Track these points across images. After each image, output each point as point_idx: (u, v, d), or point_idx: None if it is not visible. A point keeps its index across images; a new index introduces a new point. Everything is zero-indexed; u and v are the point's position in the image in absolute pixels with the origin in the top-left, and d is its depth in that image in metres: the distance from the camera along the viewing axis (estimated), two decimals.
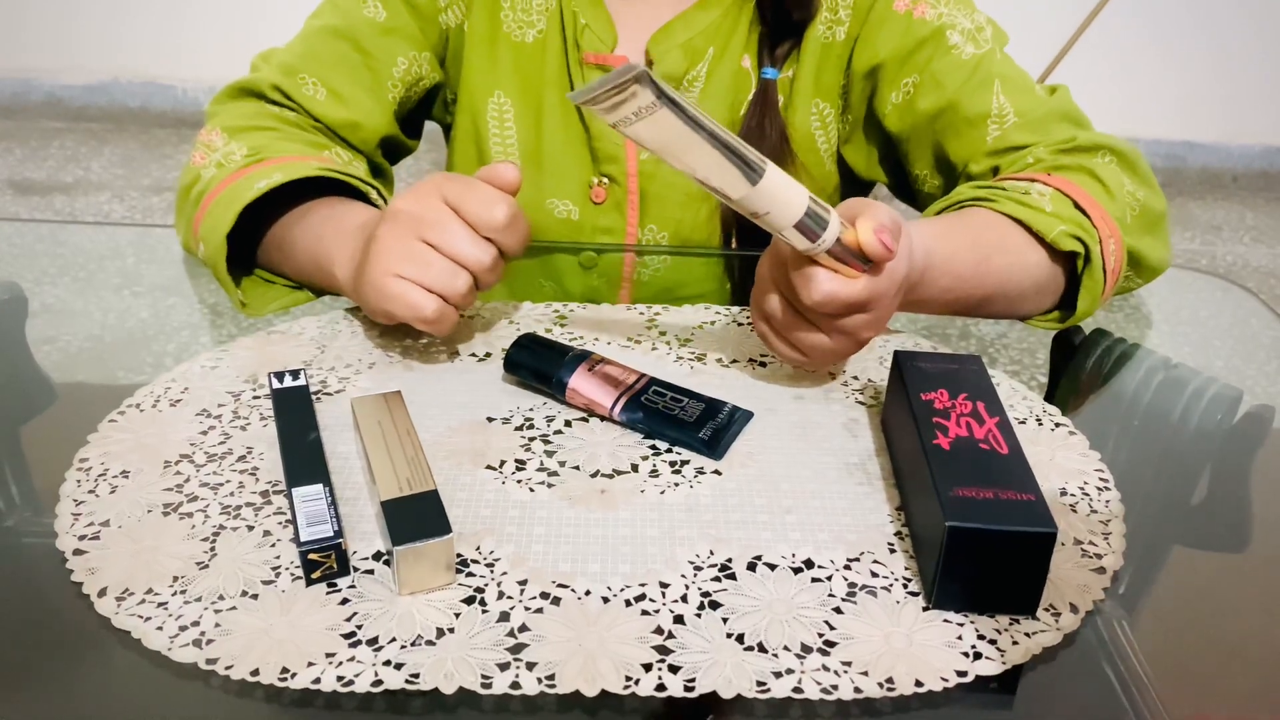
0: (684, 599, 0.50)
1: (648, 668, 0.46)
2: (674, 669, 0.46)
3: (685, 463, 0.61)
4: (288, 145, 0.81)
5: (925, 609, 0.51)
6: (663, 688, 0.45)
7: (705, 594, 0.51)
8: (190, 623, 0.48)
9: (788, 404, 0.67)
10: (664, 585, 0.51)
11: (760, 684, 0.46)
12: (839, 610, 0.50)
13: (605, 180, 0.91)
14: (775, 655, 0.47)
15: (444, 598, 0.50)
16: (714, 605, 0.50)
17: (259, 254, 0.80)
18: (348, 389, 0.67)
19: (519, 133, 0.92)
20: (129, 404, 0.65)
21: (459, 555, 0.53)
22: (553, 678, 0.46)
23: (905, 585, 0.52)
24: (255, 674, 0.45)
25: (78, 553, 0.52)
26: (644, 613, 0.50)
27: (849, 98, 0.90)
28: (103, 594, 0.50)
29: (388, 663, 0.46)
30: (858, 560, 0.54)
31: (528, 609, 0.50)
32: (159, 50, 3.37)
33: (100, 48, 3.39)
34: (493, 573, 0.52)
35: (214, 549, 0.53)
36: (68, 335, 0.76)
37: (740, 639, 0.48)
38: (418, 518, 0.51)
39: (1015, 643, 0.49)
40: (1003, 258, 0.74)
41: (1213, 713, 0.48)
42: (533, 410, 0.65)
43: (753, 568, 0.53)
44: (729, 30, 0.89)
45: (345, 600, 0.50)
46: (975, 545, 0.49)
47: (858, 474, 0.60)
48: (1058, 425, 0.66)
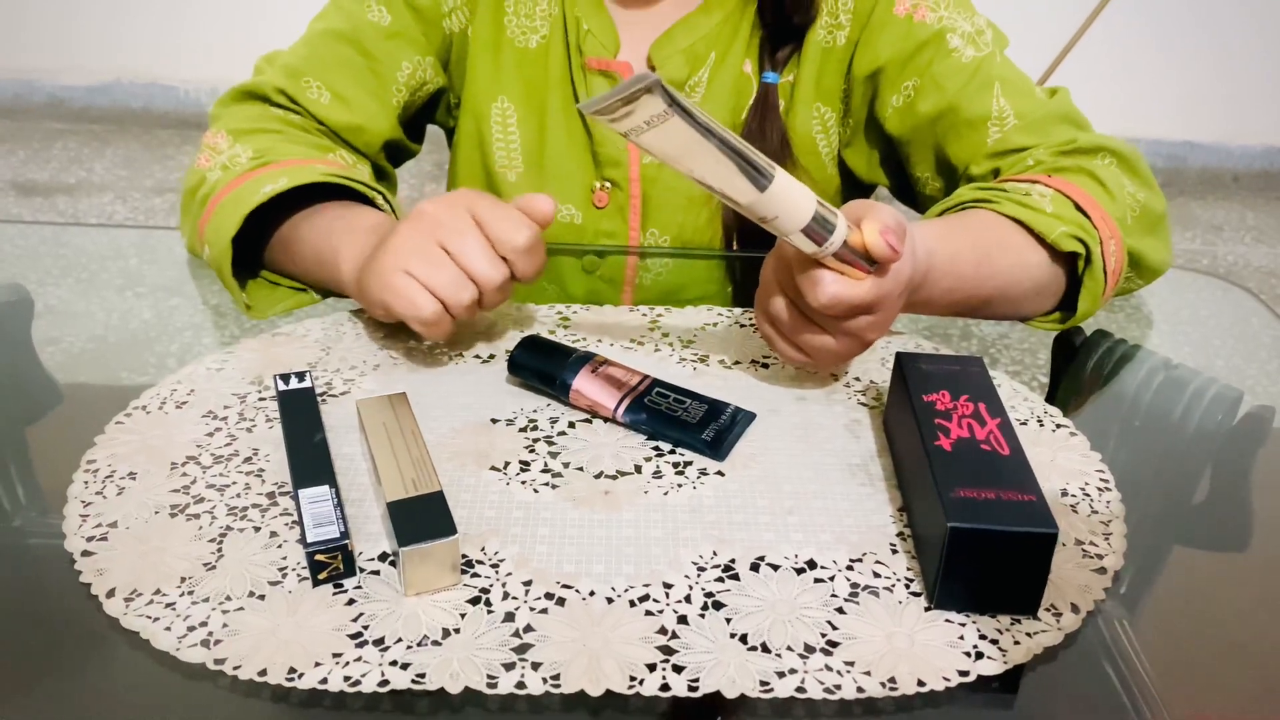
0: (688, 599, 0.51)
1: (652, 668, 0.47)
2: (678, 669, 0.47)
3: (688, 464, 0.61)
4: (293, 148, 0.81)
5: (927, 609, 0.51)
6: (667, 688, 0.46)
7: (709, 594, 0.51)
8: (198, 623, 0.48)
9: (790, 405, 0.68)
10: (668, 586, 0.52)
11: (764, 684, 0.46)
12: (841, 610, 0.50)
13: (607, 184, 0.92)
14: (778, 655, 0.48)
15: (449, 598, 0.50)
16: (717, 606, 0.50)
17: (264, 255, 0.80)
18: (353, 390, 0.68)
19: (522, 137, 0.92)
20: (135, 406, 0.65)
21: (464, 556, 0.53)
22: (558, 678, 0.46)
23: (907, 585, 0.52)
24: (263, 674, 0.46)
25: (86, 554, 0.53)
26: (648, 613, 0.50)
27: (850, 101, 0.90)
28: (111, 595, 0.50)
29: (394, 663, 0.47)
30: (860, 561, 0.54)
31: (532, 609, 0.50)
32: (161, 51, 3.37)
33: (102, 48, 3.39)
34: (498, 573, 0.52)
35: (221, 550, 0.53)
36: (71, 336, 0.76)
37: (744, 639, 0.48)
38: (423, 519, 0.51)
39: (1017, 643, 0.49)
40: (1004, 258, 0.75)
41: (1213, 712, 0.49)
42: (536, 412, 0.66)
43: (756, 568, 0.53)
44: (730, 35, 0.90)
45: (351, 601, 0.50)
46: (977, 546, 0.49)
47: (860, 475, 0.61)
48: (1059, 426, 0.67)
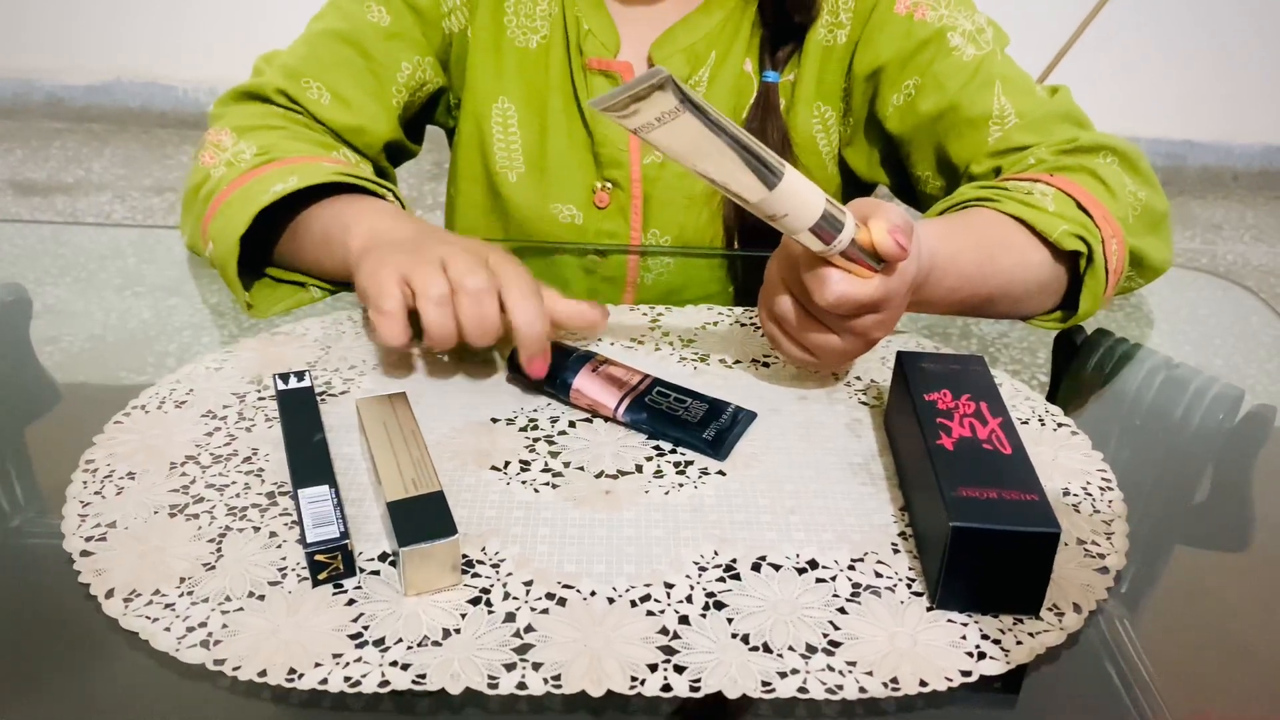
0: (689, 599, 0.51)
1: (653, 668, 0.47)
2: (679, 669, 0.46)
3: (689, 463, 0.61)
4: (297, 145, 0.81)
5: (929, 609, 0.51)
6: (668, 688, 0.46)
7: (710, 594, 0.51)
8: (197, 624, 0.48)
9: (791, 404, 0.67)
10: (669, 586, 0.51)
11: (765, 684, 0.46)
12: (843, 610, 0.50)
13: (609, 185, 0.92)
14: (780, 655, 0.47)
15: (450, 598, 0.50)
16: (719, 606, 0.50)
17: (276, 249, 0.80)
18: (352, 390, 0.67)
19: (523, 138, 0.92)
20: (134, 405, 0.65)
21: (464, 556, 0.53)
22: (559, 678, 0.46)
23: (909, 585, 0.52)
24: (263, 675, 0.46)
25: (85, 554, 0.53)
26: (649, 613, 0.50)
27: (850, 100, 0.90)
28: (110, 595, 0.50)
29: (394, 663, 0.46)
30: (862, 560, 0.54)
31: (533, 610, 0.50)
32: (160, 51, 3.37)
33: (101, 48, 3.39)
34: (498, 573, 0.52)
35: (220, 550, 0.53)
36: (69, 336, 0.76)
37: (745, 639, 0.48)
38: (423, 519, 0.51)
39: (1019, 642, 0.49)
40: (1006, 257, 0.74)
41: (1215, 711, 0.49)
42: (537, 411, 0.66)
43: (757, 568, 0.53)
44: (731, 34, 0.89)
45: (352, 601, 0.50)
46: (979, 545, 0.49)
47: (861, 474, 0.61)
48: (1060, 425, 0.66)
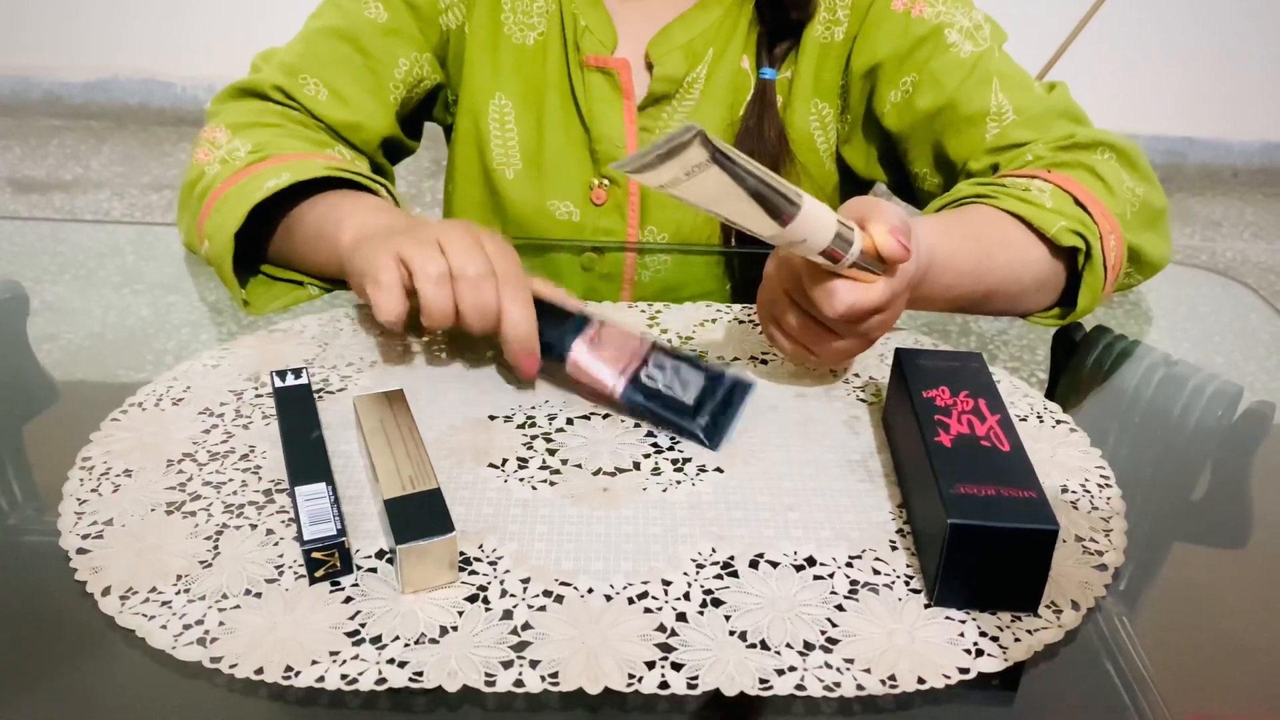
0: (686, 597, 0.51)
1: (650, 665, 0.46)
2: (677, 666, 0.46)
3: (687, 460, 0.61)
4: (291, 142, 0.81)
5: (927, 606, 0.51)
6: (666, 685, 0.46)
7: (708, 591, 0.51)
8: (194, 621, 0.48)
9: (789, 401, 0.67)
10: (666, 583, 0.51)
11: (763, 681, 0.46)
12: (841, 608, 0.50)
13: (606, 182, 0.91)
14: (778, 653, 0.47)
15: (447, 596, 0.50)
16: (716, 603, 0.50)
17: (270, 246, 0.80)
18: (349, 387, 0.67)
19: (520, 134, 0.92)
20: (131, 402, 0.65)
21: (461, 553, 0.53)
22: (556, 676, 0.46)
23: (907, 582, 0.52)
24: (259, 673, 0.46)
25: (81, 551, 0.52)
26: (646, 610, 0.50)
27: (848, 97, 0.90)
28: (106, 593, 0.50)
29: (391, 661, 0.46)
30: (860, 557, 0.54)
31: (530, 607, 0.50)
32: (158, 47, 3.36)
33: (99, 45, 3.38)
34: (495, 571, 0.52)
35: (217, 548, 0.53)
36: (68, 333, 0.76)
37: (743, 636, 0.48)
38: (420, 516, 0.51)
39: (1017, 640, 0.49)
40: (1004, 254, 0.74)
41: (1214, 708, 0.49)
42: (534, 408, 0.66)
43: (755, 565, 0.53)
44: (729, 31, 0.89)
45: (349, 599, 0.50)
46: (977, 542, 0.49)
47: (859, 471, 0.60)
48: (1058, 422, 0.66)
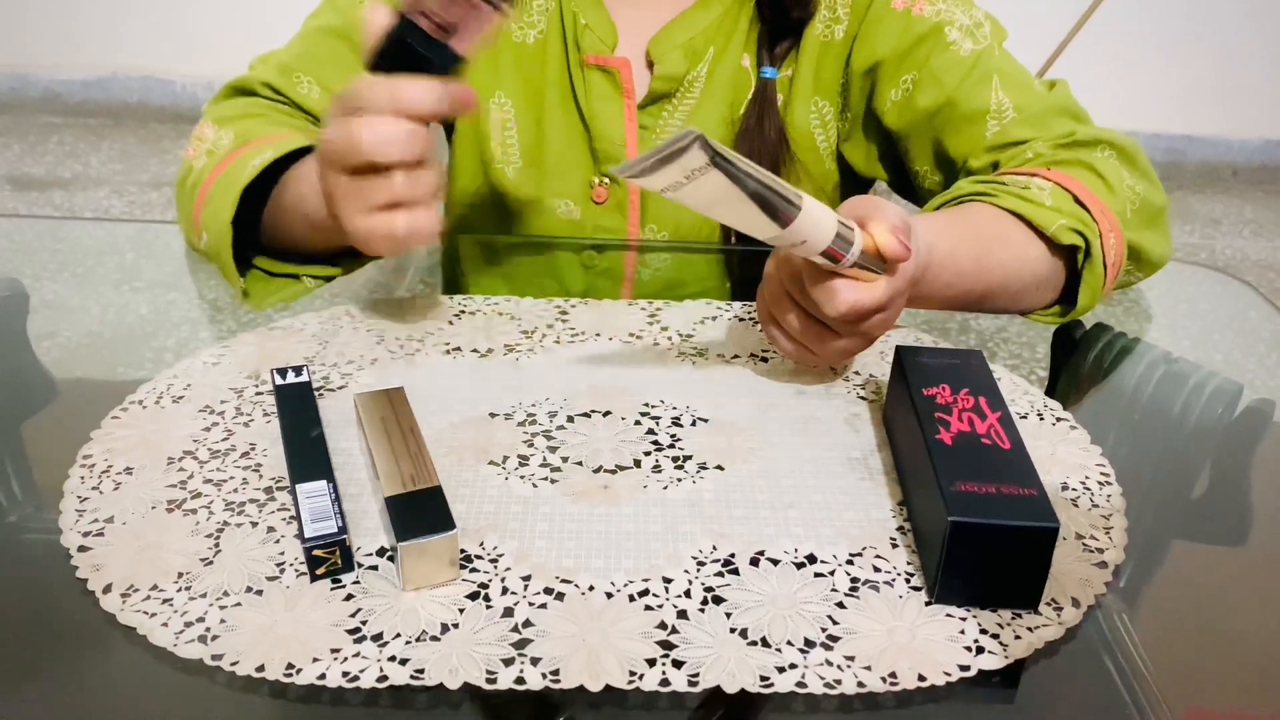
0: (687, 594, 0.51)
1: (651, 663, 0.46)
2: (678, 664, 0.46)
3: (688, 458, 0.61)
4: (274, 128, 0.81)
5: (928, 603, 0.51)
6: (667, 683, 0.46)
7: (708, 589, 0.51)
8: (195, 619, 0.48)
9: (790, 399, 0.67)
10: (667, 581, 0.51)
11: (764, 679, 0.46)
12: (842, 605, 0.50)
13: (606, 180, 0.91)
14: (778, 650, 0.47)
15: (448, 593, 0.50)
16: (717, 600, 0.50)
17: (262, 228, 0.79)
18: (350, 385, 0.67)
19: (520, 133, 0.92)
20: (131, 400, 0.65)
21: (462, 551, 0.53)
22: (557, 673, 0.46)
23: (908, 580, 0.52)
24: (260, 670, 0.46)
25: (82, 549, 0.53)
26: (647, 608, 0.50)
27: (848, 96, 0.90)
28: (107, 590, 0.50)
29: (393, 658, 0.46)
30: (860, 555, 0.54)
31: (531, 604, 0.50)
32: (157, 45, 3.36)
33: (98, 43, 3.38)
34: (496, 568, 0.52)
35: (218, 545, 0.53)
36: (67, 331, 0.76)
37: (744, 634, 0.48)
38: (421, 514, 0.51)
39: (1018, 637, 0.49)
40: (1003, 252, 0.74)
41: (1213, 705, 0.49)
42: (535, 406, 0.66)
43: (755, 563, 0.53)
44: (729, 29, 0.89)
45: (350, 596, 0.50)
46: (977, 540, 0.49)
47: (860, 469, 0.61)
48: (1059, 420, 0.66)
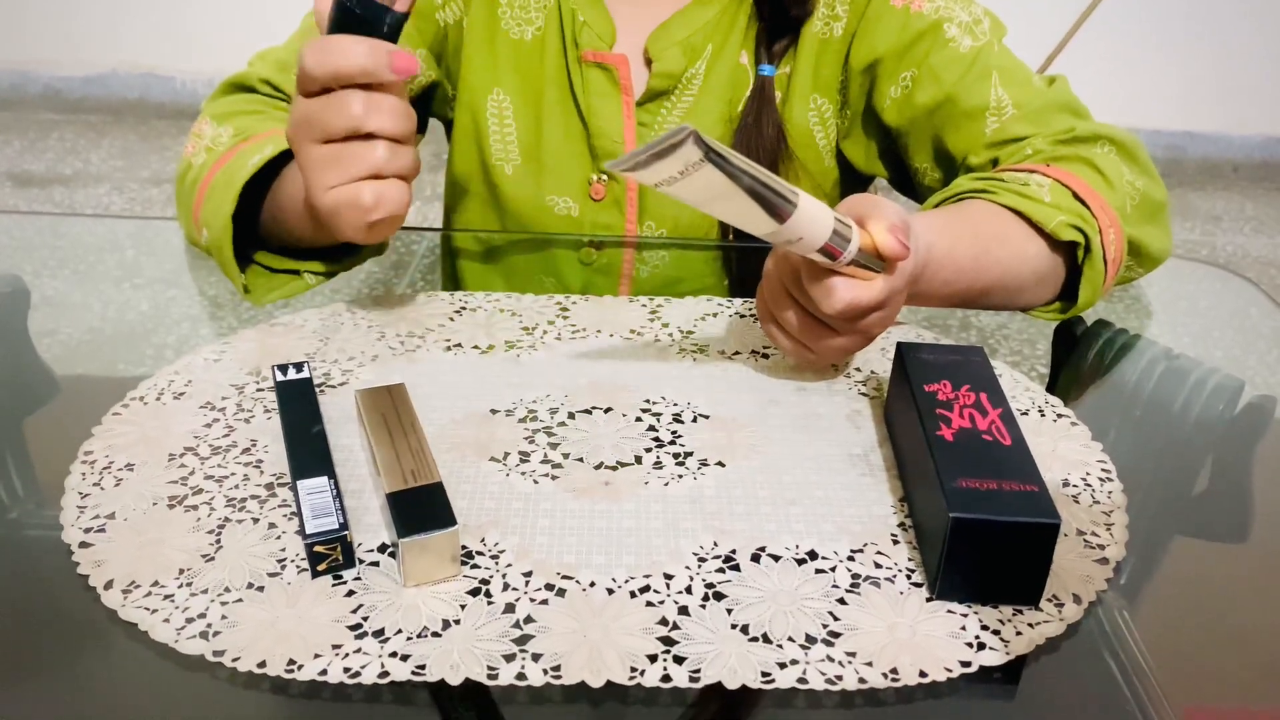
0: (688, 590, 0.51)
1: (653, 659, 0.47)
2: (679, 660, 0.46)
3: (689, 454, 0.61)
4: (273, 124, 0.81)
5: (929, 600, 0.51)
6: (668, 678, 0.46)
7: (709, 585, 0.51)
8: (197, 615, 0.48)
9: (791, 396, 0.67)
10: (668, 577, 0.51)
11: (765, 675, 0.46)
12: (843, 601, 0.50)
13: (604, 177, 0.91)
14: (780, 646, 0.47)
15: (449, 590, 0.50)
16: (718, 596, 0.50)
17: (261, 225, 0.80)
18: (351, 381, 0.67)
19: (518, 130, 0.92)
20: (132, 396, 0.65)
21: (463, 547, 0.53)
22: (558, 669, 0.46)
23: (909, 576, 0.52)
24: (262, 666, 0.46)
25: (83, 545, 0.53)
26: (648, 604, 0.50)
27: (847, 93, 0.90)
28: (109, 586, 0.50)
29: (394, 654, 0.46)
30: (861, 551, 0.54)
31: (533, 600, 0.50)
32: (157, 42, 3.36)
33: (98, 39, 3.38)
34: (497, 564, 0.52)
35: (220, 541, 0.53)
36: (68, 328, 0.76)
37: (745, 630, 0.48)
38: (423, 510, 0.51)
39: (1019, 633, 0.49)
40: (1003, 249, 0.74)
41: (1214, 701, 0.49)
42: (536, 402, 0.66)
43: (757, 559, 0.53)
44: (727, 27, 0.89)
45: (351, 592, 0.50)
46: (979, 536, 0.49)
47: (861, 465, 0.61)
48: (1060, 416, 0.66)
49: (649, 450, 0.61)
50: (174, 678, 0.46)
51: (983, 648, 0.48)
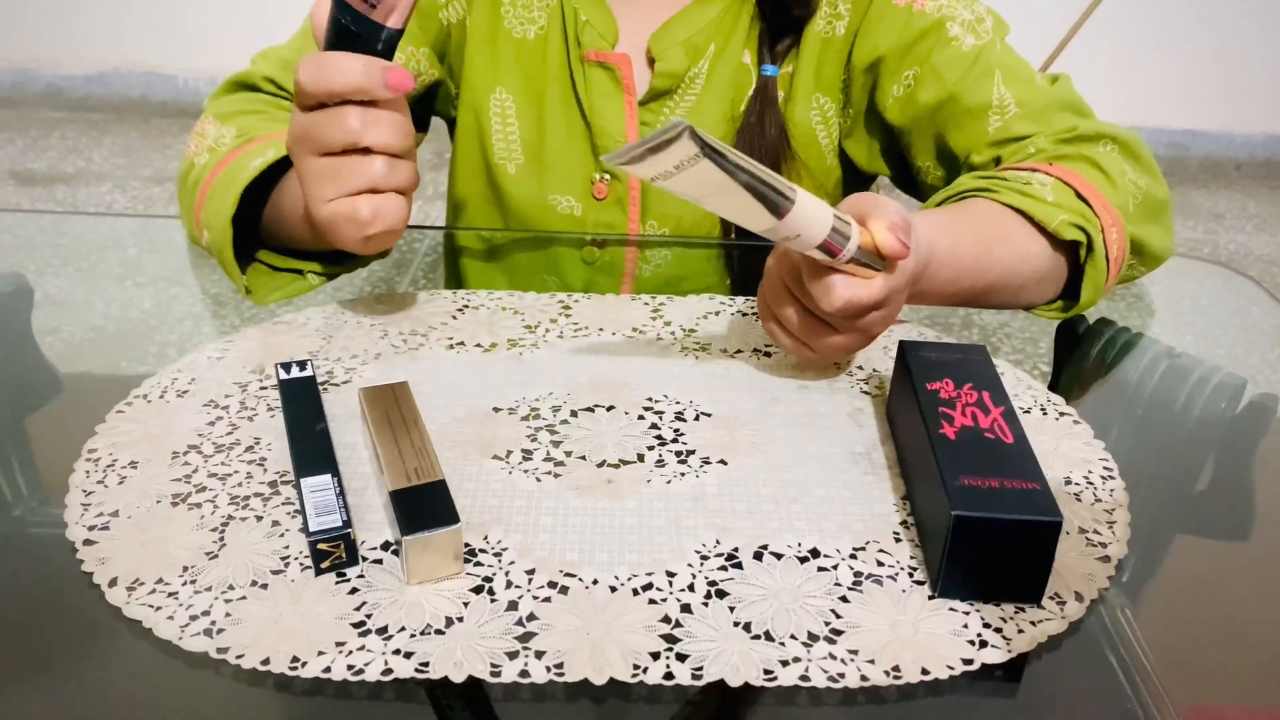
0: (691, 588, 0.51)
1: (655, 656, 0.47)
2: (681, 657, 0.47)
3: (691, 453, 0.61)
4: (275, 125, 0.81)
5: (931, 597, 0.51)
6: (670, 676, 0.46)
7: (712, 583, 0.51)
8: (200, 612, 0.48)
9: (793, 394, 0.67)
10: (671, 574, 0.52)
11: (767, 672, 0.46)
12: (845, 599, 0.50)
13: (607, 176, 0.91)
14: (782, 644, 0.48)
15: (452, 587, 0.50)
16: (721, 594, 0.50)
17: (262, 228, 0.80)
18: (354, 379, 0.67)
19: (521, 129, 0.92)
20: (136, 395, 0.65)
21: (466, 545, 0.53)
22: (561, 666, 0.46)
23: (911, 574, 0.52)
24: (266, 663, 0.46)
25: (88, 543, 0.53)
26: (651, 602, 0.50)
27: (850, 92, 0.90)
28: (113, 584, 0.50)
29: (397, 652, 0.46)
30: (863, 549, 0.54)
31: (535, 598, 0.50)
32: (159, 40, 3.36)
33: (100, 38, 3.38)
34: (500, 562, 0.52)
35: (223, 539, 0.53)
36: (71, 326, 0.76)
37: (747, 628, 0.48)
38: (426, 508, 0.51)
39: (1021, 631, 0.49)
40: (1005, 248, 0.74)
41: (1216, 699, 0.49)
42: (539, 400, 0.66)
43: (759, 557, 0.53)
44: (730, 26, 0.89)
45: (354, 590, 0.50)
46: (981, 534, 0.49)
47: (863, 463, 0.61)
48: (1062, 414, 0.67)
49: (651, 448, 0.61)
50: (178, 675, 0.46)
51: (985, 645, 0.48)
